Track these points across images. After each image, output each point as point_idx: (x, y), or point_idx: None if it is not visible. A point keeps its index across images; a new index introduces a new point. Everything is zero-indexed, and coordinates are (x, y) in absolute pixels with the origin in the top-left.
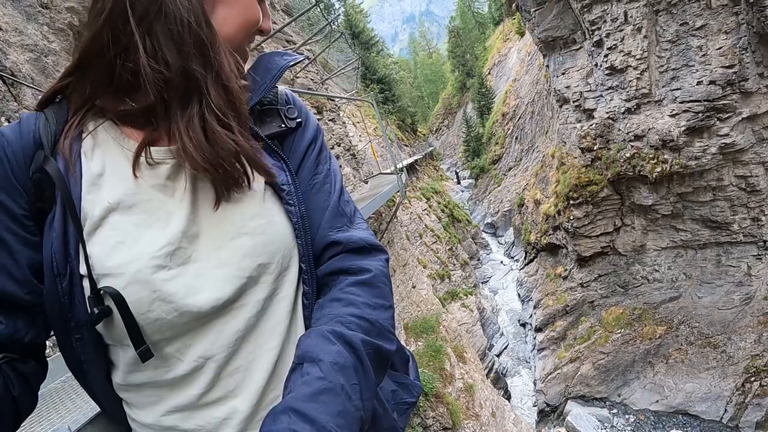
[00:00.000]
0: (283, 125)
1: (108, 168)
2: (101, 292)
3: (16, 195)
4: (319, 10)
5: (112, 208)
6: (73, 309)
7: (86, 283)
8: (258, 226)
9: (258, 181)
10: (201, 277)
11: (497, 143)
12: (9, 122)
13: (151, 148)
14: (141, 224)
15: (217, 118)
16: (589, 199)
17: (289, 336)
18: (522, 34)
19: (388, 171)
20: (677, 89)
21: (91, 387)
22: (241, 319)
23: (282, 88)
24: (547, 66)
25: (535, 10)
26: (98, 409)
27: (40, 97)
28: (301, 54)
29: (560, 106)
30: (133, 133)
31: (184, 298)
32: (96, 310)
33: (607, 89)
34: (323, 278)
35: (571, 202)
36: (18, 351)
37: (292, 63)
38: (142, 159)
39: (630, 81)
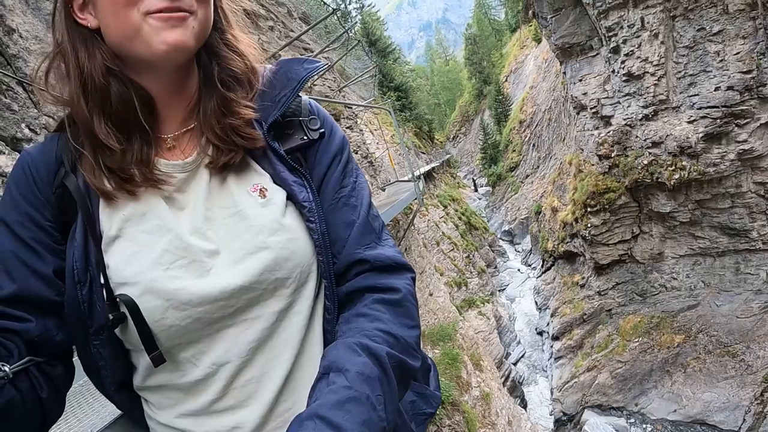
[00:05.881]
0: (305, 137)
1: None
2: (117, 299)
3: (41, 207)
4: (336, 18)
5: (127, 218)
6: (92, 315)
7: (105, 292)
8: (279, 241)
9: (279, 196)
10: (217, 286)
11: (514, 150)
12: (30, 129)
13: (163, 161)
14: (154, 233)
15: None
16: (607, 206)
17: (303, 350)
18: (539, 41)
19: (406, 178)
20: (695, 95)
21: (107, 391)
22: (256, 329)
23: (305, 98)
24: (564, 73)
25: (551, 17)
26: (117, 413)
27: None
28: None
29: (577, 113)
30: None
31: (197, 306)
32: (111, 317)
33: (625, 96)
34: (348, 294)
35: (589, 209)
36: (48, 352)
37: (313, 73)
38: (158, 173)
39: (647, 87)
